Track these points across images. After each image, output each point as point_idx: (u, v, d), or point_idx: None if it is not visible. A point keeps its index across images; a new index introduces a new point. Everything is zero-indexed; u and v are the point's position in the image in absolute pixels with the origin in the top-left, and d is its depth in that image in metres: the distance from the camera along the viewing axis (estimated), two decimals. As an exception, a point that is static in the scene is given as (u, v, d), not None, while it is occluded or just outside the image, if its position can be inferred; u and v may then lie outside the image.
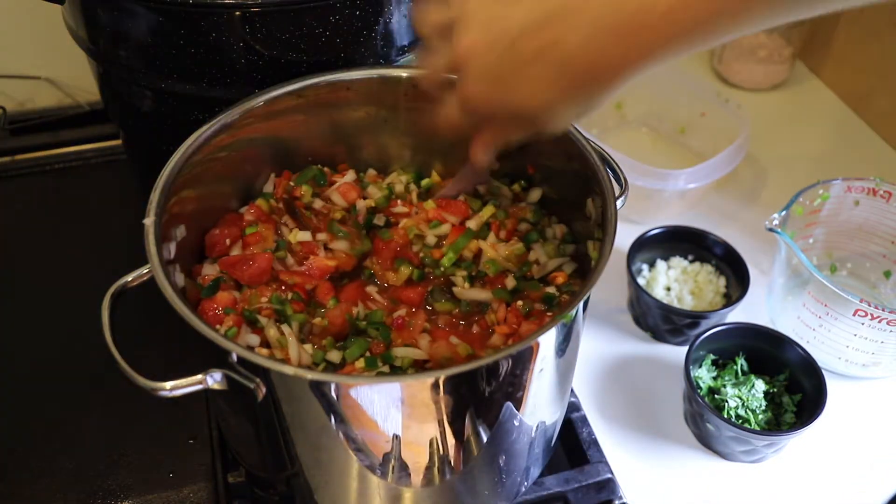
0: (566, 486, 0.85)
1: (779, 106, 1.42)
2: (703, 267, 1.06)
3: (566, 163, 0.79)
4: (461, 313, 0.78)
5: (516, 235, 0.82)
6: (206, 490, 0.85)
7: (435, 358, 0.72)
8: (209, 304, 0.73)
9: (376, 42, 0.85)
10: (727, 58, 1.43)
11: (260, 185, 0.86)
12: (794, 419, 0.90)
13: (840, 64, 1.42)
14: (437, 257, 0.81)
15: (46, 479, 0.86)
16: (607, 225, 0.69)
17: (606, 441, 0.92)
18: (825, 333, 0.96)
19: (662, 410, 0.96)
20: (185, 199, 0.74)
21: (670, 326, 1.00)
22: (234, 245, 0.79)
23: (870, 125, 1.36)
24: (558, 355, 0.69)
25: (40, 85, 1.31)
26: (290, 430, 0.67)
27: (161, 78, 0.85)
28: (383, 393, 0.62)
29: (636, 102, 1.31)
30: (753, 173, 1.27)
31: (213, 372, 0.62)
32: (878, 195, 1.01)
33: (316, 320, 0.74)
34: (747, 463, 0.91)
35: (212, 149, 0.76)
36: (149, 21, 0.81)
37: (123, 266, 0.68)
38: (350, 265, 0.81)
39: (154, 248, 0.66)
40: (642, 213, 1.16)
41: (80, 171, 1.23)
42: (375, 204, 0.85)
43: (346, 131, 0.87)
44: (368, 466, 0.68)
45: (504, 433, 0.70)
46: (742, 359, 0.94)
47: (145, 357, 0.65)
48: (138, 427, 0.90)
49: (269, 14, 0.78)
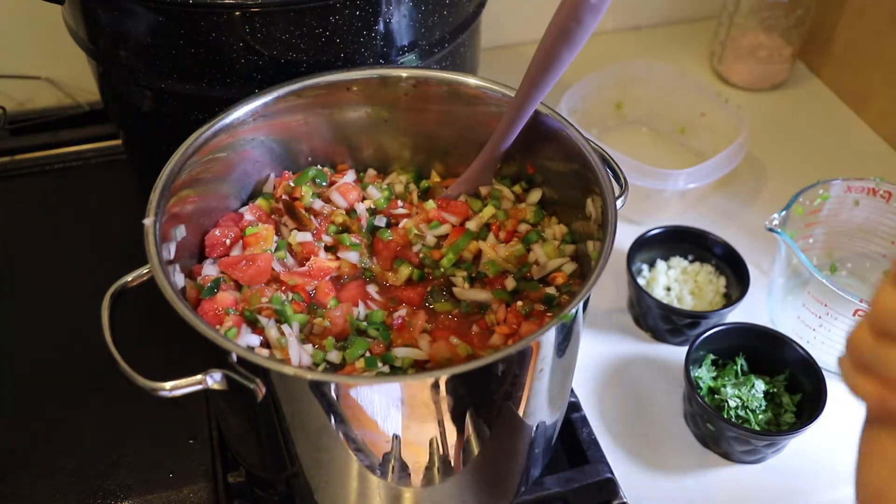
0: (566, 486, 0.85)
1: (779, 106, 1.42)
2: (703, 267, 1.06)
3: (566, 163, 0.79)
4: (461, 314, 0.78)
5: (516, 236, 0.82)
6: (206, 490, 0.85)
7: (435, 358, 0.72)
8: (209, 304, 0.73)
9: (376, 42, 0.85)
10: (727, 58, 1.42)
11: (260, 185, 0.86)
12: (794, 419, 0.90)
13: (840, 64, 1.42)
14: (437, 258, 0.81)
15: (46, 479, 0.86)
16: (607, 225, 0.69)
17: (606, 441, 0.92)
18: (825, 333, 0.96)
19: (662, 410, 0.96)
20: (184, 199, 0.74)
21: (670, 326, 1.00)
22: (234, 245, 0.79)
23: (870, 125, 1.36)
24: (558, 355, 0.69)
25: (40, 85, 1.31)
26: (290, 431, 0.67)
27: (161, 78, 0.85)
28: (383, 393, 0.62)
29: (636, 102, 1.31)
30: (753, 173, 1.27)
31: (213, 372, 0.62)
32: (878, 195, 1.01)
33: (317, 320, 0.74)
34: (747, 463, 0.91)
35: (212, 149, 0.76)
36: (149, 21, 0.81)
37: (123, 266, 0.68)
38: (353, 270, 0.81)
39: (154, 249, 0.66)
40: (642, 213, 1.16)
41: (80, 171, 1.23)
42: (375, 206, 0.85)
43: (346, 131, 0.87)
44: (368, 466, 0.68)
45: (504, 433, 0.71)
46: (742, 359, 0.94)
47: (145, 357, 0.65)
48: (138, 427, 0.90)
49: (269, 14, 0.78)
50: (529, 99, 0.76)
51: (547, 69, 0.74)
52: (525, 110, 0.77)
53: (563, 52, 0.72)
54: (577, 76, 1.17)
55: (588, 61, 1.08)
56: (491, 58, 1.25)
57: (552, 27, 0.71)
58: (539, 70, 0.74)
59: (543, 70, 0.74)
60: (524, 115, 0.78)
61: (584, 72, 1.22)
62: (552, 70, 0.74)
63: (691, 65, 1.49)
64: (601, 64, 1.25)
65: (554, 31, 0.71)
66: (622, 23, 1.56)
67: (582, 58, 0.77)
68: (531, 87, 0.75)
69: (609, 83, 1.26)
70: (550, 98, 0.78)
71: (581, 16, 0.69)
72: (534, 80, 0.75)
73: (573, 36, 0.71)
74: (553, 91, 0.77)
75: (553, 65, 0.73)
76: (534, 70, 0.74)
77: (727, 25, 1.40)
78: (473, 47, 1.01)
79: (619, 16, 1.55)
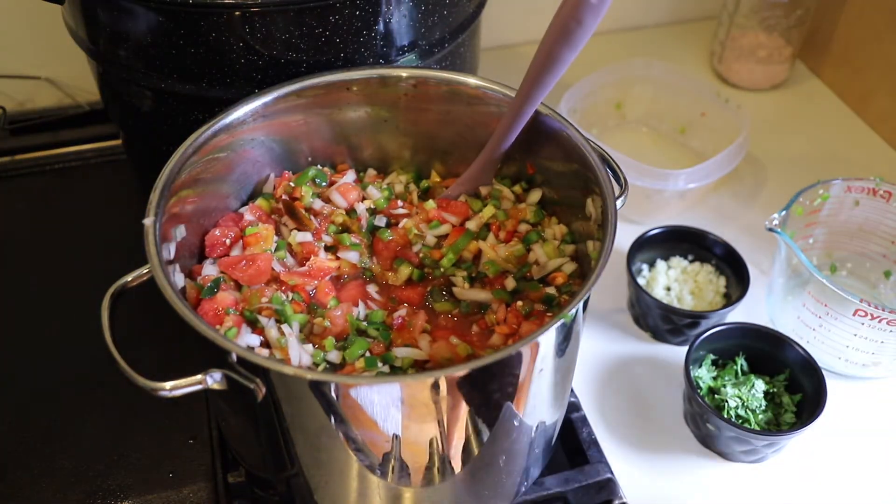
0: (566, 486, 0.85)
1: (779, 106, 1.42)
2: (703, 267, 1.06)
3: (566, 163, 0.79)
4: (461, 313, 0.78)
5: (516, 236, 0.82)
6: (206, 490, 0.85)
7: (435, 358, 0.72)
8: (209, 304, 0.73)
9: (376, 42, 0.85)
10: (727, 58, 1.43)
11: (260, 185, 0.86)
12: (794, 419, 0.90)
13: (840, 64, 1.42)
14: (437, 258, 0.81)
15: (46, 479, 0.86)
16: (607, 225, 0.69)
17: (606, 441, 0.92)
18: (825, 333, 0.96)
19: (662, 410, 0.96)
20: (184, 199, 0.74)
21: (670, 326, 1.00)
22: (234, 245, 0.79)
23: (870, 125, 1.36)
24: (558, 355, 0.69)
25: (40, 85, 1.31)
26: (290, 430, 0.67)
27: (161, 78, 0.85)
28: (383, 393, 0.62)
29: (636, 102, 1.31)
30: (753, 173, 1.27)
31: (213, 372, 0.62)
32: (878, 195, 1.01)
33: (317, 320, 0.74)
34: (747, 463, 0.91)
35: (212, 149, 0.76)
36: (149, 21, 0.81)
37: (123, 266, 0.68)
38: (353, 270, 0.81)
39: (154, 249, 0.66)
40: (642, 213, 1.16)
41: (80, 171, 1.23)
42: (375, 206, 0.85)
43: (346, 131, 0.87)
44: (368, 466, 0.68)
45: (504, 433, 0.71)
46: (742, 359, 0.94)
47: (145, 357, 0.65)
48: (138, 427, 0.90)
49: (269, 14, 0.78)
50: (530, 99, 0.76)
51: (547, 69, 0.74)
52: (525, 110, 0.77)
53: (564, 53, 0.72)
54: (577, 76, 1.17)
55: (588, 61, 1.08)
56: (491, 58, 1.25)
57: (553, 27, 0.71)
58: (539, 70, 0.74)
59: (544, 70, 0.74)
60: (524, 115, 0.78)
61: (584, 72, 1.22)
62: (553, 70, 0.74)
63: (691, 65, 1.49)
64: (601, 64, 1.25)
65: (554, 32, 0.71)
66: (622, 23, 1.56)
67: (582, 58, 0.77)
68: (532, 88, 0.75)
69: (609, 83, 1.26)
70: (550, 98, 0.78)
71: (582, 16, 0.69)
72: (534, 81, 0.75)
73: (574, 36, 0.71)
74: (553, 91, 0.77)
75: (553, 65, 0.73)
76: (534, 70, 0.74)
77: (727, 25, 1.40)
78: (473, 47, 1.01)
79: (619, 16, 1.55)
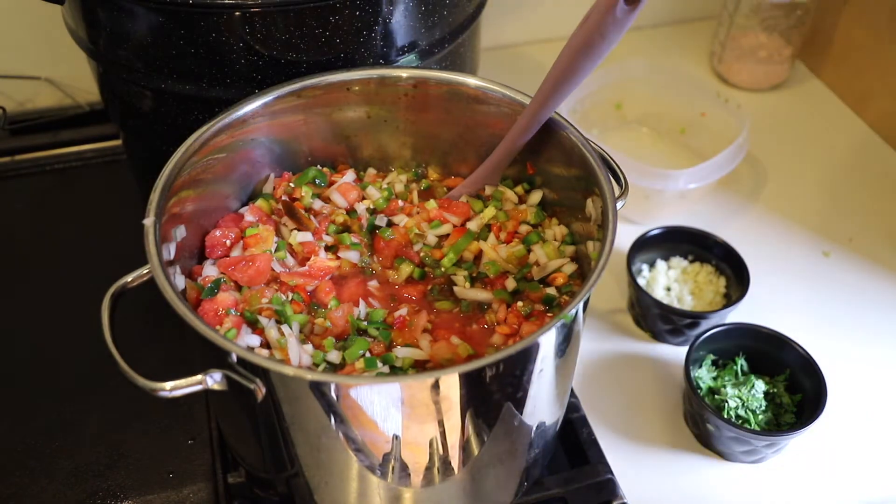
0: (566, 487, 0.85)
1: (779, 106, 1.42)
2: (703, 267, 1.06)
3: (566, 164, 0.79)
4: (462, 313, 0.78)
5: (517, 237, 0.82)
6: (206, 490, 0.85)
7: (435, 358, 0.72)
8: (209, 304, 0.73)
9: (376, 42, 0.85)
10: (727, 58, 1.42)
11: (260, 186, 0.86)
12: (794, 419, 0.90)
13: (840, 64, 1.42)
14: (438, 257, 0.81)
15: (46, 479, 0.86)
16: (607, 225, 0.69)
17: (606, 441, 0.91)
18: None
19: (662, 410, 0.96)
20: (184, 199, 0.74)
21: (670, 327, 1.00)
22: (234, 246, 0.79)
23: (870, 125, 1.36)
24: (558, 355, 0.69)
25: (40, 85, 1.31)
26: (290, 431, 0.67)
27: (161, 78, 0.85)
28: (383, 393, 0.62)
29: (636, 102, 1.31)
30: (753, 173, 1.27)
31: (213, 372, 0.62)
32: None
33: (317, 321, 0.74)
34: (747, 463, 0.91)
35: (212, 149, 0.76)
36: (149, 21, 0.81)
37: (123, 266, 0.68)
38: (353, 269, 0.81)
39: (154, 249, 0.66)
40: (642, 213, 1.16)
41: (80, 171, 1.23)
42: (375, 206, 0.85)
43: (346, 131, 0.87)
44: (368, 466, 0.68)
45: (504, 433, 0.70)
46: (742, 359, 0.94)
47: (145, 357, 0.65)
48: (138, 427, 0.90)
49: (269, 14, 0.78)
50: (546, 105, 0.77)
51: (567, 78, 0.74)
52: (541, 115, 0.78)
53: (585, 64, 0.73)
54: (577, 76, 1.17)
55: (588, 61, 1.08)
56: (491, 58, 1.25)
57: (576, 39, 0.72)
58: (559, 78, 0.75)
59: (563, 79, 0.75)
60: (540, 119, 0.78)
61: (585, 72, 1.22)
62: (572, 80, 0.75)
63: (691, 65, 1.49)
64: (601, 64, 1.25)
65: (577, 43, 0.72)
66: (622, 23, 1.56)
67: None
68: (550, 94, 0.76)
69: (609, 83, 1.26)
70: (550, 98, 0.78)
71: (606, 30, 0.70)
72: (553, 88, 0.75)
73: (596, 49, 0.72)
74: (553, 91, 0.77)
75: (574, 75, 0.74)
76: (553, 77, 0.75)
77: (727, 26, 1.40)
78: (473, 47, 1.01)
79: (619, 16, 1.55)
